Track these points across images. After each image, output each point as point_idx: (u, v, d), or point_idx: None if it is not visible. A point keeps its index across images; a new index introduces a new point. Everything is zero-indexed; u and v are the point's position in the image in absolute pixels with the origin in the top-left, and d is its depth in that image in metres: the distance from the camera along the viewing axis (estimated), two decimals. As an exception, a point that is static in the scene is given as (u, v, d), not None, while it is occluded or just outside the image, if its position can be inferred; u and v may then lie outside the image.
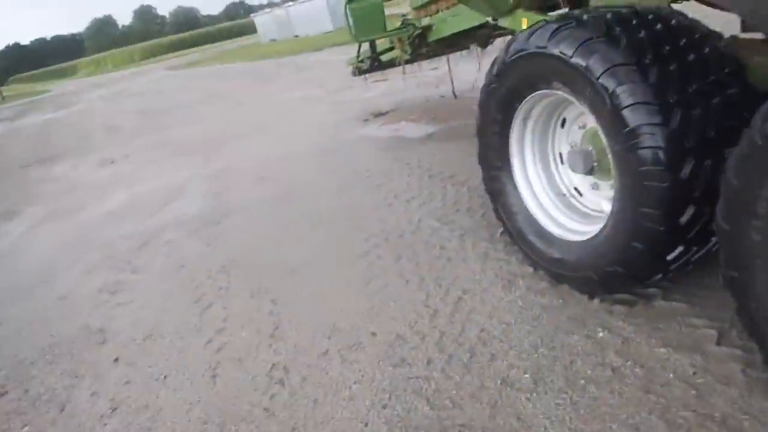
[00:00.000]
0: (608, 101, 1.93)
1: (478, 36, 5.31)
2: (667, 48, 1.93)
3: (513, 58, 2.34)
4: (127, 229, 4.81)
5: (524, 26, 3.38)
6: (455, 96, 6.54)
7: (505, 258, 2.88)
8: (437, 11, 4.73)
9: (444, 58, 6.29)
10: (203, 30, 77.90)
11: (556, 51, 2.09)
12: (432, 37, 4.91)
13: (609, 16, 2.05)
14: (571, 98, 2.18)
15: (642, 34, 1.96)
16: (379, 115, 7.07)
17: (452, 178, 4.18)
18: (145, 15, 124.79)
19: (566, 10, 2.90)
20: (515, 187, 2.68)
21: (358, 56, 6.52)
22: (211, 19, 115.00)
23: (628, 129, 1.90)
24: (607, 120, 1.99)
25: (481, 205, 3.54)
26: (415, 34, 5.01)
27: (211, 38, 66.18)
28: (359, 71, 6.75)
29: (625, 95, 1.90)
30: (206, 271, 3.61)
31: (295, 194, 4.63)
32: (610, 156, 2.08)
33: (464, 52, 6.12)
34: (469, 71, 6.75)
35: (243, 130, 8.16)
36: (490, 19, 3.81)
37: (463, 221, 3.40)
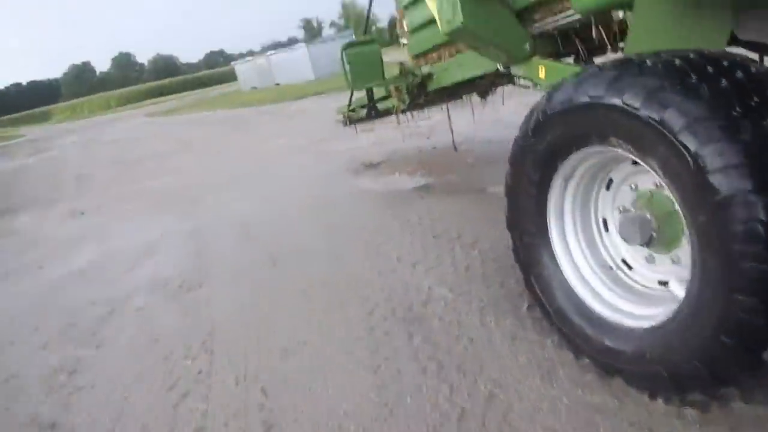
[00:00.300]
0: (691, 163, 1.58)
1: (479, 86, 5.06)
2: (756, 99, 1.61)
3: (558, 109, 2.00)
4: (93, 293, 4.29)
5: (542, 75, 3.10)
6: (455, 148, 6.23)
7: (538, 340, 2.46)
8: (439, 59, 4.45)
9: (435, 107, 6.04)
10: (182, 77, 78.25)
11: (617, 101, 1.75)
12: (432, 87, 4.62)
13: (678, 61, 1.73)
14: (634, 157, 1.83)
15: (724, 83, 1.63)
16: (370, 166, 6.74)
17: (459, 239, 3.79)
18: (123, 62, 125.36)
19: (607, 56, 2.60)
20: (553, 257, 2.30)
21: (349, 105, 6.23)
22: (191, 67, 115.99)
23: (718, 197, 1.54)
24: (688, 185, 1.63)
25: (498, 272, 3.16)
26: (415, 82, 4.72)
27: (191, 85, 66.38)
28: (350, 121, 6.46)
29: (712, 156, 1.55)
30: (184, 348, 3.11)
31: (284, 256, 4.18)
32: (687, 228, 1.72)
33: (458, 102, 5.89)
34: (461, 123, 6.53)
35: (224, 181, 7.74)
36: (499, 67, 3.52)
37: (480, 291, 3.00)
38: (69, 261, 5.35)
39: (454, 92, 5.09)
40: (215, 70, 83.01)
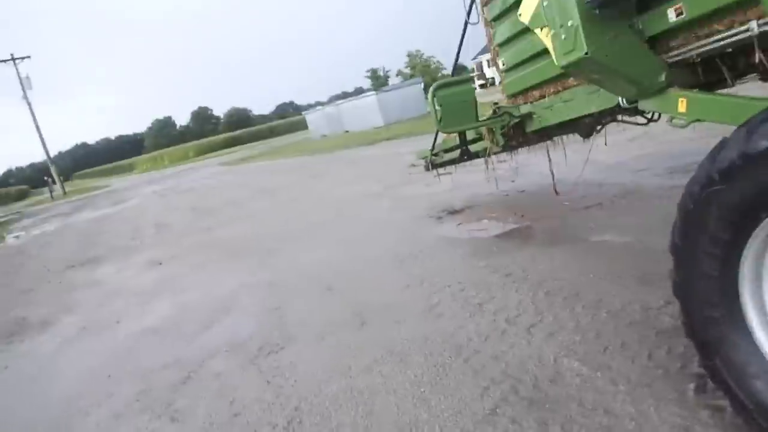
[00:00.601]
0: None
1: (582, 125, 4.56)
2: None
3: (764, 149, 1.50)
4: (168, 354, 4.00)
5: (682, 109, 2.60)
6: (557, 192, 5.65)
7: (725, 440, 1.88)
8: (541, 97, 4.01)
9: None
10: (255, 128, 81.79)
11: None
12: (533, 127, 4.18)
13: None
14: None
15: None
16: (453, 212, 6.30)
17: (577, 296, 3.25)
18: (201, 115, 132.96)
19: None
20: (749, 336, 1.74)
21: (432, 149, 5.88)
22: (263, 119, 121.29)
23: None
24: None
25: (641, 341, 2.58)
26: (512, 123, 4.29)
27: (263, 135, 69.17)
28: (432, 165, 6.08)
29: None
30: (268, 426, 2.71)
31: (372, 314, 3.76)
32: None
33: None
34: (537, 163, 6.03)
35: (300, 229, 7.51)
36: (621, 102, 3.04)
37: (622, 367, 2.44)
38: (145, 316, 5.16)
39: (552, 132, 4.63)
40: (286, 120, 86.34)
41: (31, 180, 72.85)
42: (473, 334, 3.08)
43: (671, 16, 2.38)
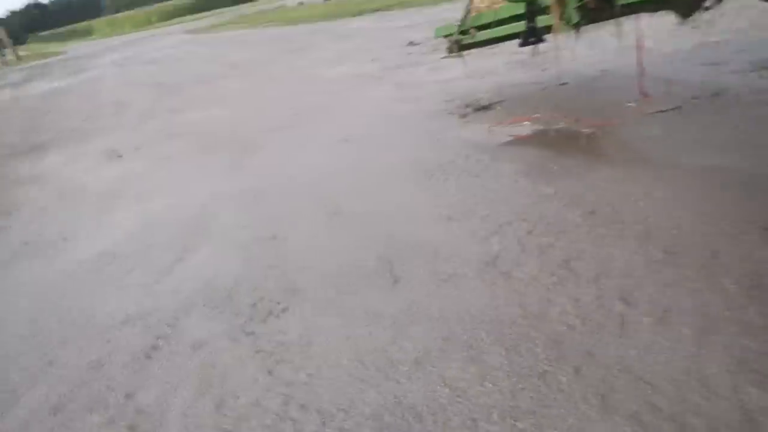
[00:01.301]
0: None
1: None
2: None
3: None
4: (128, 300, 2.99)
5: None
6: (644, 93, 4.27)
7: None
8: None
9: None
10: (223, -9, 74.83)
11: None
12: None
13: None
14: None
15: None
16: (479, 108, 5.11)
17: (716, 257, 2.27)
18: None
19: None
20: None
21: (462, 24, 4.56)
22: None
23: None
24: None
25: None
26: None
27: (233, 1, 63.47)
28: (460, 47, 4.80)
29: None
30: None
31: (406, 265, 2.75)
32: None
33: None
34: (566, 47, 4.81)
35: (283, 118, 6.25)
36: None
37: None
38: (99, 233, 4.07)
39: (644, 6, 3.39)
40: (256, -17, 78.98)
41: (-23, 42, 66.54)
42: (574, 319, 2.11)
43: None
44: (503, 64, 6.59)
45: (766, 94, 3.99)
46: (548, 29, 3.81)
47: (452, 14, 13.46)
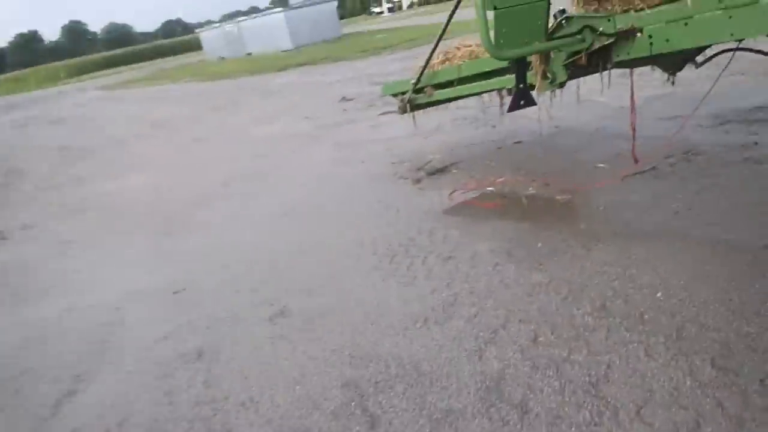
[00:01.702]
0: None
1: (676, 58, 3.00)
2: None
3: None
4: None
5: None
6: (635, 159, 3.53)
7: None
8: (651, 3, 2.37)
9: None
10: (139, 46, 73.07)
11: None
12: (635, 52, 2.53)
13: None
14: None
15: None
16: (433, 172, 4.62)
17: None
18: (74, 31, 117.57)
19: None
20: None
21: (417, 81, 4.10)
22: (148, 37, 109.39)
23: None
24: None
25: None
26: (600, 45, 2.60)
27: (149, 55, 61.78)
28: (412, 107, 4.34)
29: None
30: None
31: (381, 387, 2.09)
32: None
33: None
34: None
35: (212, 188, 5.50)
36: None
37: None
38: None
39: (632, 63, 3.02)
40: (175, 39, 77.91)
41: None
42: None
43: None
44: (450, 121, 6.22)
45: (739, 151, 3.74)
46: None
47: (381, 68, 13.32)
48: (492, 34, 2.57)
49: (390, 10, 55.88)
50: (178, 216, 4.82)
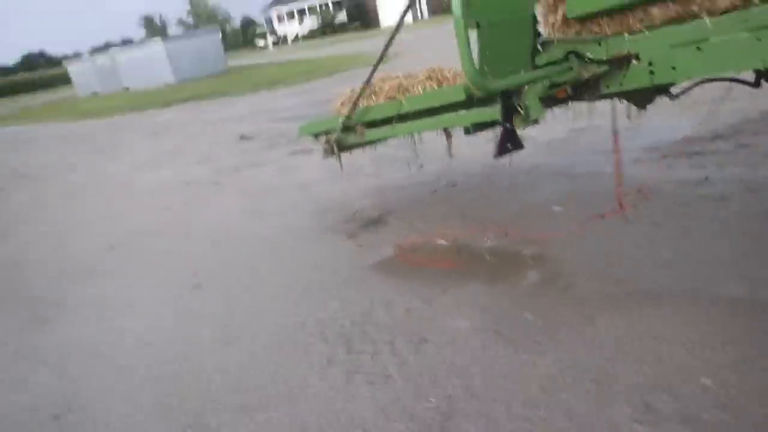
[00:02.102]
0: None
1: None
2: None
3: None
4: None
5: None
6: (621, 205, 3.02)
7: None
8: (651, 24, 2.00)
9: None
10: (-4, 82, 66.04)
11: None
12: (630, 82, 2.13)
13: None
14: None
15: None
16: (368, 224, 4.03)
17: None
18: None
19: None
20: None
21: (347, 118, 3.51)
22: (5, 71, 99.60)
23: None
24: None
25: None
26: (590, 76, 2.17)
27: (8, 91, 56.08)
28: (340, 147, 3.76)
29: None
30: None
31: None
32: None
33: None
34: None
35: (96, 254, 4.50)
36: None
37: None
38: None
39: (605, 96, 2.64)
40: (36, 72, 71.41)
41: None
42: None
43: None
44: (370, 161, 5.67)
45: (694, 187, 3.55)
46: (488, 125, 2.92)
47: (277, 103, 12.61)
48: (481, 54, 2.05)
49: (274, 43, 55.31)
50: (50, 297, 3.81)
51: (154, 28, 57.48)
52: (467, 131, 2.94)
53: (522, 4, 2.08)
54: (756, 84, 2.50)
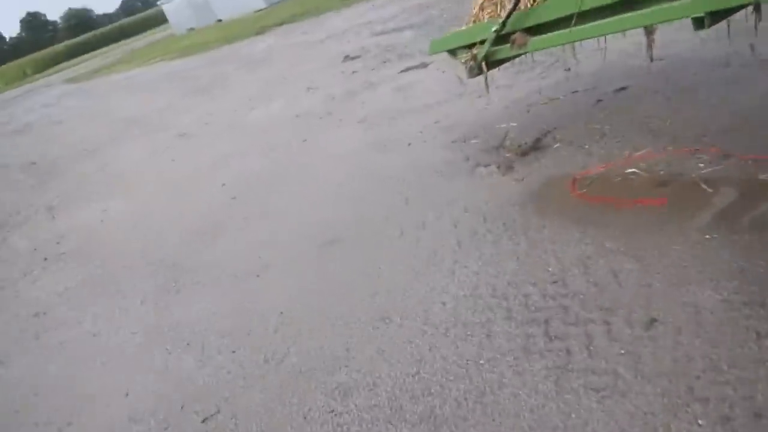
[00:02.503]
0: None
1: None
2: None
3: None
4: None
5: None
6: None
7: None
8: None
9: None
10: (101, 30, 69.49)
11: None
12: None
13: None
14: None
15: None
16: (525, 151, 3.29)
17: None
18: (34, 23, 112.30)
19: None
20: None
21: (502, 26, 2.73)
22: (109, 18, 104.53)
23: None
24: None
25: None
26: None
27: (115, 37, 58.81)
28: (489, 64, 3.01)
29: None
30: None
31: None
32: None
33: None
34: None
35: (215, 207, 4.19)
36: None
37: None
38: None
39: None
40: (137, 15, 74.10)
41: None
42: None
43: None
44: (499, 69, 4.82)
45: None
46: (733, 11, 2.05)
47: (376, 14, 11.60)
48: None
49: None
50: (180, 258, 3.54)
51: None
52: (700, 24, 2.06)
53: None
54: None
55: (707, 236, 2.09)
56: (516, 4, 2.59)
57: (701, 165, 2.52)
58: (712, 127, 2.80)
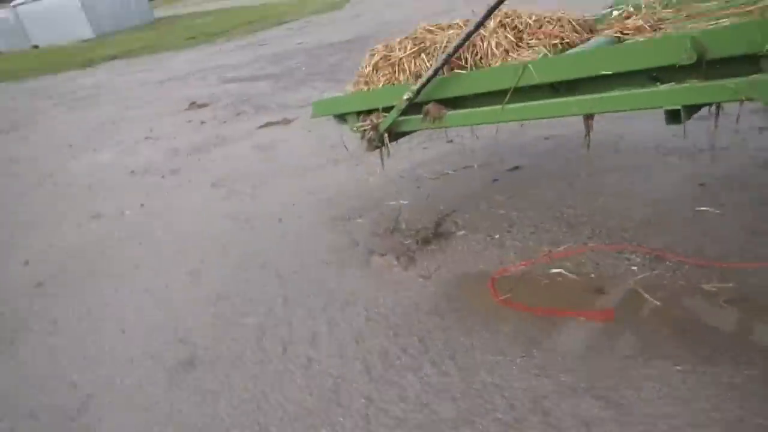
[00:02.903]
0: None
1: None
2: None
3: None
4: None
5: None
6: None
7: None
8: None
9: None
10: None
11: None
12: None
13: None
14: None
15: None
16: (423, 236, 2.80)
17: None
18: None
19: None
20: None
21: (416, 93, 2.24)
22: None
23: None
24: None
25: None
26: None
27: None
28: (391, 135, 2.52)
29: None
30: None
31: None
32: None
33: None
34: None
35: (23, 288, 3.08)
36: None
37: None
38: None
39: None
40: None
41: None
42: None
43: None
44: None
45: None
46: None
47: (224, 59, 10.78)
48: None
49: (200, -10, 50.86)
50: None
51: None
52: (673, 118, 1.73)
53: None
54: None
55: (678, 367, 1.73)
56: (437, 71, 2.12)
57: (634, 268, 2.23)
58: (629, 220, 2.57)
